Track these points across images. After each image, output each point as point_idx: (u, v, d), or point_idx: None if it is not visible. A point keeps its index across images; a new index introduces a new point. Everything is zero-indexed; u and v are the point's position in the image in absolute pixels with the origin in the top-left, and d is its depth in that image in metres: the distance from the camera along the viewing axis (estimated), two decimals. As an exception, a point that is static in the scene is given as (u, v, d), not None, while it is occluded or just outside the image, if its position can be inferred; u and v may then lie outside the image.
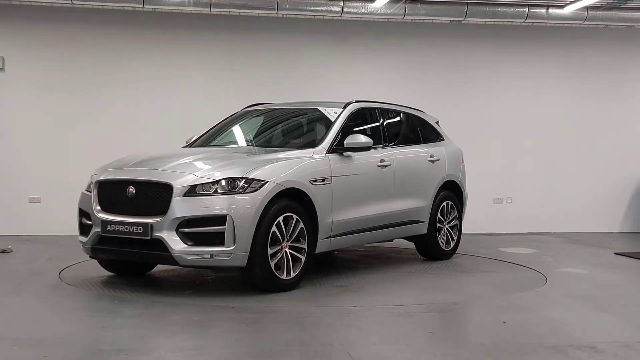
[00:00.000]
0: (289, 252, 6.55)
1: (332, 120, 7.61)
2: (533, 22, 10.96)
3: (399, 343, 5.02)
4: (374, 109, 8.31)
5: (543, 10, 10.75)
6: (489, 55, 11.71)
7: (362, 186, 7.53)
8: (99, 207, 6.59)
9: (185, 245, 6.12)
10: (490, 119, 11.70)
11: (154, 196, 6.29)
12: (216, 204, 6.14)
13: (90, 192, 6.78)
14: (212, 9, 10.12)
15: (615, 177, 12.05)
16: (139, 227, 6.21)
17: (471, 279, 7.52)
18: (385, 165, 7.91)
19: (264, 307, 5.97)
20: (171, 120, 10.48)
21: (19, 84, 10.52)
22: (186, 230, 6.13)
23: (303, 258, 6.67)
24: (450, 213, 8.91)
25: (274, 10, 10.24)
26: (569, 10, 10.69)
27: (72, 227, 10.28)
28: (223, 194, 6.18)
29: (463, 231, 11.25)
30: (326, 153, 7.16)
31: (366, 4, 10.38)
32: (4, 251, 8.67)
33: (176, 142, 8.48)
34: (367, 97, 10.82)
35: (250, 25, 10.93)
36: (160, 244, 6.15)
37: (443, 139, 9.20)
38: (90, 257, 6.98)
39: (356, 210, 7.40)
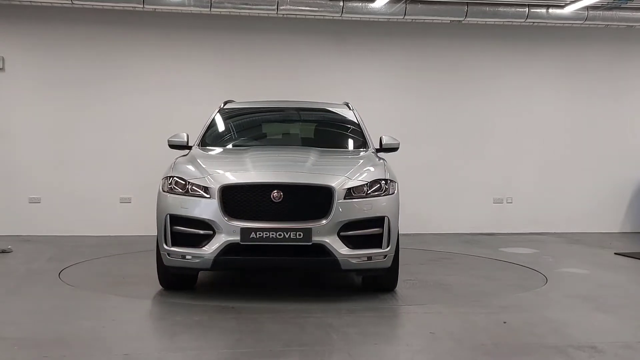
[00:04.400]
0: None
1: (356, 121, 7.72)
2: (533, 22, 10.95)
3: (399, 343, 5.02)
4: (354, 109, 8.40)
5: (543, 10, 10.74)
6: (489, 55, 11.71)
7: None
8: (226, 214, 5.98)
9: (348, 249, 5.99)
10: (490, 118, 11.70)
11: (310, 200, 6.03)
12: (377, 206, 6.14)
13: (173, 193, 6.14)
14: (212, 9, 10.12)
15: (615, 177, 12.04)
16: (299, 233, 5.88)
17: (471, 279, 7.51)
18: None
19: (264, 307, 5.96)
20: (171, 120, 10.46)
21: (19, 84, 10.52)
22: (345, 233, 6.00)
23: None
24: None
25: (274, 10, 10.23)
26: (569, 10, 10.68)
27: (72, 227, 10.45)
28: (375, 195, 6.18)
29: (464, 231, 11.32)
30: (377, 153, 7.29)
31: (366, 4, 10.37)
32: (4, 251, 8.67)
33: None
34: (367, 98, 10.90)
35: (250, 25, 10.93)
36: (322, 249, 5.93)
37: None
38: (200, 270, 6.31)
39: None
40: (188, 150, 7.29)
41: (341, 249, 5.95)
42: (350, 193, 6.08)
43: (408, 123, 11.18)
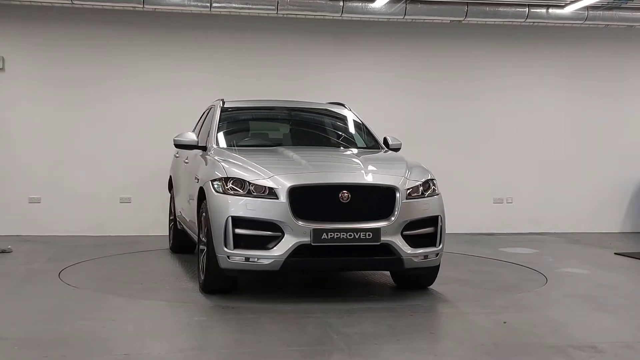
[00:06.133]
0: None
1: (360, 122, 7.79)
2: (533, 22, 10.94)
3: (399, 343, 5.02)
4: None
5: (543, 10, 10.74)
6: (489, 55, 11.70)
7: None
8: (294, 215, 5.88)
9: (411, 248, 6.08)
10: (490, 118, 11.69)
11: (375, 200, 6.11)
12: (432, 205, 6.31)
13: (233, 195, 5.99)
14: (212, 9, 10.11)
15: (615, 177, 12.03)
16: (368, 233, 5.93)
17: (472, 279, 7.51)
18: None
19: (264, 307, 5.96)
20: (171, 120, 10.45)
21: (19, 84, 10.51)
22: (406, 232, 6.09)
23: None
24: None
25: (274, 10, 10.23)
26: (569, 10, 10.67)
27: (72, 227, 10.45)
28: (429, 195, 6.34)
29: (464, 231, 11.31)
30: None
31: (366, 4, 10.36)
32: (4, 251, 8.67)
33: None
34: (367, 98, 10.90)
35: (250, 25, 10.93)
36: (388, 249, 6.00)
37: None
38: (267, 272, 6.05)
39: None
40: (201, 150, 7.18)
41: (406, 249, 6.04)
42: (409, 193, 6.18)
43: (408, 123, 11.16)
